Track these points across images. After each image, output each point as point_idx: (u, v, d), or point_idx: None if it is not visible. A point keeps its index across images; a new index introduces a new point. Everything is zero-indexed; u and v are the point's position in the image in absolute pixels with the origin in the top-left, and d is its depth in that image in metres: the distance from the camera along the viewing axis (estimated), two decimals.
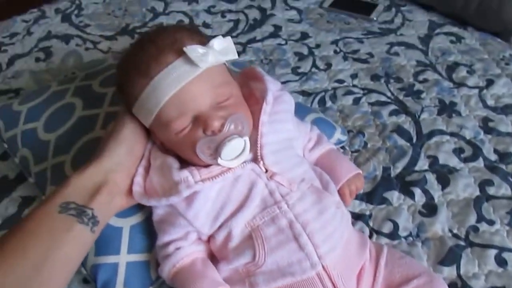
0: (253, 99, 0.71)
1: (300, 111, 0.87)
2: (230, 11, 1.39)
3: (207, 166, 0.62)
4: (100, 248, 0.66)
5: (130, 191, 0.63)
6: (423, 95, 1.04)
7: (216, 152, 0.59)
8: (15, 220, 0.79)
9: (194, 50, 0.57)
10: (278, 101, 0.69)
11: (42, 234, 0.53)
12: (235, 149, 0.60)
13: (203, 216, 0.61)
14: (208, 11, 1.39)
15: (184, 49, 0.57)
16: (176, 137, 0.61)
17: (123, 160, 0.62)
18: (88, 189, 0.58)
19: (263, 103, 0.66)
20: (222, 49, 0.61)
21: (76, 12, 1.38)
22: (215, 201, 0.62)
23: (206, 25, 1.33)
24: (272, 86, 0.69)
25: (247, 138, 0.61)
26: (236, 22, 1.33)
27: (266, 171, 0.64)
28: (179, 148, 0.63)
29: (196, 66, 0.57)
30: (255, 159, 0.64)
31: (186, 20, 1.34)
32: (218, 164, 0.61)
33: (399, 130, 0.95)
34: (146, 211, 0.68)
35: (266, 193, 0.63)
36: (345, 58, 1.17)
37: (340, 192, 0.73)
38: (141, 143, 0.66)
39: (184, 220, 0.62)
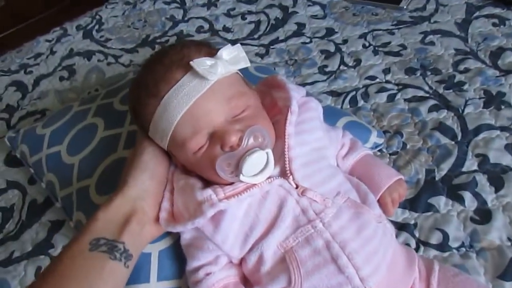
0: (277, 109, 0.66)
1: (330, 116, 0.81)
2: (250, 12, 1.34)
3: (231, 183, 0.58)
4: (129, 277, 0.62)
5: (159, 218, 0.60)
6: (466, 87, 0.95)
7: (237, 168, 0.55)
8: (45, 245, 0.79)
9: (201, 63, 0.55)
10: (304, 108, 0.64)
11: (75, 276, 0.51)
12: (257, 163, 0.56)
13: (232, 239, 0.57)
14: (228, 14, 1.35)
15: (191, 63, 0.55)
16: (194, 157, 0.58)
17: (148, 186, 0.60)
18: (117, 222, 0.56)
19: (287, 113, 0.61)
20: (232, 58, 0.58)
21: (96, 27, 1.38)
22: (243, 222, 0.57)
23: (226, 29, 1.29)
24: (296, 93, 0.64)
25: (269, 151, 0.57)
26: (257, 23, 1.29)
27: (297, 186, 0.59)
28: (199, 168, 0.60)
29: (205, 79, 0.55)
30: (283, 174, 0.59)
31: (206, 26, 1.31)
32: (241, 181, 0.56)
33: (441, 127, 0.88)
34: (174, 235, 0.65)
35: (298, 211, 0.58)
36: (375, 52, 1.10)
37: (381, 202, 0.67)
38: (163, 166, 0.63)
39: (212, 244, 0.58)
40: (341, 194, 0.60)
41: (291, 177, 0.59)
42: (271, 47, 1.18)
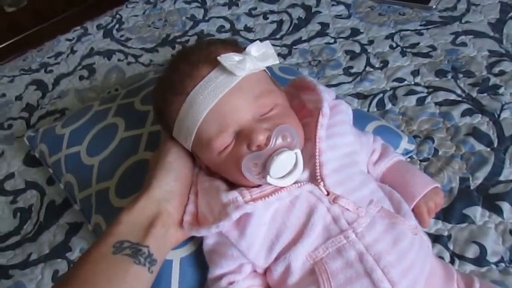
0: (305, 112, 0.63)
1: (359, 120, 0.77)
2: (272, 12, 1.31)
3: (258, 186, 0.55)
4: None
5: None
6: (502, 90, 0.90)
7: (264, 169, 0.52)
8: (63, 248, 0.77)
9: (229, 58, 0.53)
10: (334, 111, 0.61)
11: (98, 280, 0.48)
12: (286, 164, 0.53)
13: (257, 246, 0.54)
14: (249, 14, 1.32)
15: (218, 58, 0.53)
16: (219, 157, 0.55)
17: (173, 188, 0.57)
18: (141, 224, 0.54)
19: (318, 115, 0.58)
20: (261, 54, 0.57)
21: (117, 26, 1.37)
22: (270, 228, 0.54)
23: (248, 29, 1.26)
24: (327, 95, 0.61)
25: (298, 151, 0.54)
26: (280, 23, 1.25)
27: (328, 193, 0.55)
28: (224, 169, 0.57)
29: (233, 75, 0.53)
30: (313, 180, 0.56)
31: (227, 26, 1.28)
32: (268, 184, 0.53)
33: (476, 133, 0.83)
34: (196, 241, 0.62)
35: (329, 220, 0.54)
36: (403, 54, 1.06)
37: (416, 211, 0.63)
38: (188, 168, 0.61)
39: (237, 251, 0.55)
40: (375, 203, 0.57)
41: (321, 183, 0.55)
42: (294, 47, 1.15)
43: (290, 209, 0.54)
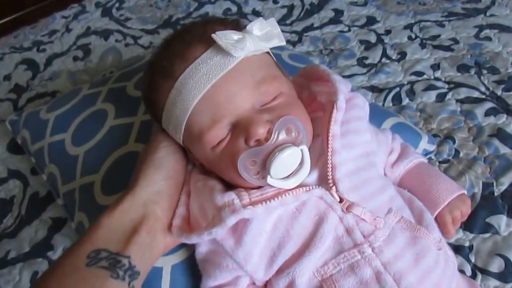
0: (316, 105, 0.55)
1: (375, 116, 0.70)
2: None
3: (259, 187, 0.48)
4: None
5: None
6: None
7: (264, 168, 0.44)
8: (44, 246, 0.71)
9: (225, 36, 0.45)
10: (349, 105, 0.53)
11: None
12: (289, 162, 0.45)
13: (256, 257, 0.47)
14: None
15: (213, 35, 0.45)
16: (212, 153, 0.48)
17: (162, 188, 0.50)
18: (123, 230, 0.46)
19: (332, 109, 0.50)
20: (264, 34, 0.49)
21: (117, 5, 1.29)
22: (271, 237, 0.47)
23: (256, 12, 1.19)
24: (343, 87, 0.52)
25: (305, 148, 0.46)
26: (290, 8, 1.18)
27: (341, 200, 0.48)
28: (218, 167, 0.49)
29: (230, 56, 0.45)
30: (324, 184, 0.48)
31: (234, 8, 1.21)
32: (268, 185, 0.46)
33: (501, 134, 0.77)
34: (190, 246, 0.55)
35: (342, 231, 0.47)
36: (422, 46, 0.99)
37: (439, 221, 0.56)
38: (181, 165, 0.53)
39: (233, 262, 0.48)
40: (394, 212, 0.50)
41: (334, 187, 0.48)
42: (305, 34, 1.08)
43: (295, 217, 0.47)
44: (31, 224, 0.74)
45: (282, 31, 0.82)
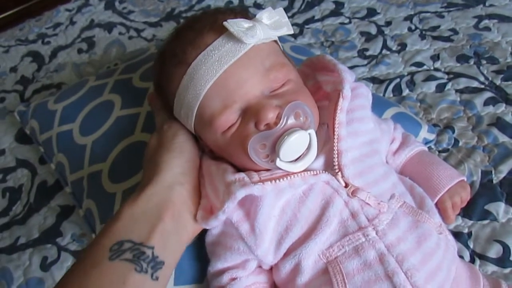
0: (321, 94, 0.57)
1: (376, 106, 0.70)
2: None
3: (268, 170, 0.49)
4: None
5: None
6: None
7: (274, 151, 0.46)
8: (53, 233, 0.72)
9: (236, 24, 0.46)
10: (354, 94, 0.54)
11: None
12: (298, 146, 0.47)
13: (267, 242, 0.49)
14: None
15: (225, 23, 0.46)
16: (223, 138, 0.49)
17: (187, 170, 0.51)
18: (147, 219, 0.45)
19: (338, 98, 0.52)
20: (273, 22, 0.50)
21: None
22: (279, 222, 0.49)
23: (257, 5, 1.19)
24: (349, 76, 0.54)
25: (312, 132, 0.48)
26: (291, 0, 1.18)
27: (346, 185, 0.49)
28: (229, 152, 0.51)
29: (241, 43, 0.47)
30: (330, 170, 0.50)
31: (236, 1, 1.22)
32: (277, 168, 0.47)
33: (499, 123, 0.78)
34: None
35: (347, 214, 0.49)
36: (422, 37, 0.99)
37: (440, 207, 0.58)
38: (197, 149, 0.55)
39: (244, 245, 0.49)
40: (396, 198, 0.51)
41: (339, 173, 0.49)
42: (306, 26, 1.09)
43: (302, 201, 0.49)
44: (40, 212, 0.75)
45: None
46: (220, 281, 0.51)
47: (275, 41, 0.54)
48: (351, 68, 0.93)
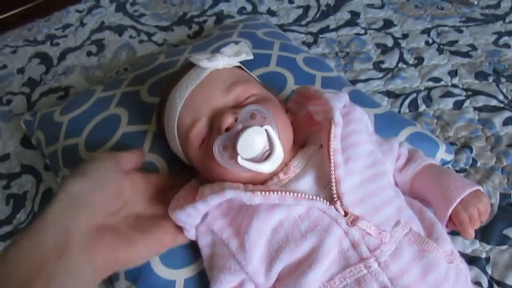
0: (314, 122, 0.58)
1: (392, 126, 0.70)
2: None
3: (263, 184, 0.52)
4: None
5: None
6: None
7: (235, 150, 0.48)
8: None
9: (199, 55, 0.56)
10: (346, 120, 0.54)
11: None
12: (255, 141, 0.48)
13: (257, 259, 0.49)
14: None
15: (189, 57, 0.56)
16: (201, 152, 0.54)
17: (83, 201, 0.46)
18: (31, 262, 0.40)
19: (329, 126, 0.51)
20: (234, 52, 0.59)
21: (131, 0, 1.27)
22: (270, 241, 0.49)
23: (271, 12, 1.17)
24: (337, 103, 0.53)
25: (269, 128, 0.49)
26: (306, 8, 1.16)
27: (346, 214, 0.48)
28: (208, 165, 0.53)
29: (203, 69, 0.55)
30: (330, 199, 0.49)
31: (249, 7, 1.19)
32: (242, 167, 0.48)
33: None
34: (202, 261, 0.55)
35: (347, 245, 0.47)
36: (440, 51, 0.97)
37: (455, 220, 0.54)
38: (115, 180, 0.51)
39: (235, 263, 0.50)
40: (402, 224, 0.50)
41: (338, 202, 0.48)
42: (320, 36, 1.06)
43: (296, 224, 0.49)
44: None
45: (298, 32, 0.81)
46: None
47: (241, 67, 0.61)
48: (366, 81, 0.92)
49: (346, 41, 1.04)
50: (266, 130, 0.49)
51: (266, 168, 0.49)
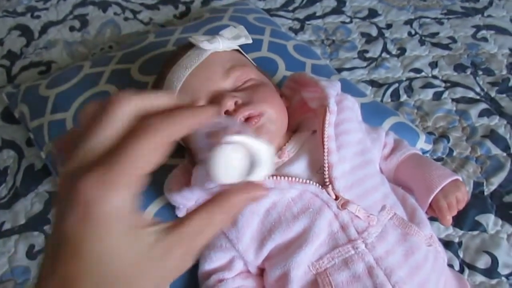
0: (307, 108, 0.59)
1: (376, 115, 0.72)
2: None
3: None
4: None
5: None
6: None
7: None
8: (41, 220, 0.70)
9: (199, 37, 0.56)
10: (339, 108, 0.56)
11: None
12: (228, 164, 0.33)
13: (248, 237, 0.51)
14: None
15: (189, 38, 0.56)
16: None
17: None
18: None
19: (324, 113, 0.53)
20: (233, 36, 0.59)
21: None
22: (263, 222, 0.51)
23: None
24: (332, 90, 0.55)
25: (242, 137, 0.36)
26: None
27: (336, 198, 0.50)
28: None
29: (203, 50, 0.55)
30: (322, 184, 0.51)
31: None
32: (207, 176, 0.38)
33: (493, 136, 0.79)
34: None
35: (337, 227, 0.50)
36: (422, 42, 1.00)
37: (435, 207, 0.57)
38: None
39: (226, 241, 0.51)
40: (387, 209, 0.52)
41: (330, 186, 0.50)
42: (307, 22, 1.07)
43: (289, 207, 0.50)
44: (26, 197, 0.72)
45: (285, 17, 0.84)
46: (207, 284, 0.52)
47: (239, 51, 0.62)
48: (350, 69, 0.93)
49: (332, 29, 1.05)
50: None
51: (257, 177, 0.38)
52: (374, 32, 1.03)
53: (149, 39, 0.82)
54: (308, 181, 0.50)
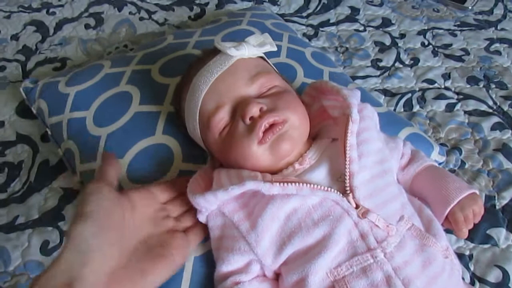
0: (325, 116, 0.60)
1: (392, 125, 0.72)
2: None
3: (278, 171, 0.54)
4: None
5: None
6: None
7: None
8: (55, 216, 0.70)
9: (226, 43, 0.57)
10: (360, 117, 0.56)
11: None
12: None
13: (267, 241, 0.50)
14: None
15: (215, 43, 0.57)
16: (220, 138, 0.56)
17: (93, 246, 0.43)
18: None
19: (346, 122, 0.54)
20: (259, 43, 0.60)
21: None
22: (283, 227, 0.51)
23: (273, 1, 1.17)
24: (354, 100, 0.56)
25: None
26: (308, 0, 1.17)
27: (357, 206, 0.50)
28: (227, 151, 0.55)
29: (229, 56, 0.56)
30: (342, 192, 0.51)
31: None
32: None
33: (505, 150, 0.80)
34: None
35: (356, 235, 0.49)
36: (435, 53, 1.00)
37: (451, 219, 0.57)
38: (117, 216, 0.47)
39: (245, 244, 0.51)
40: (405, 219, 0.52)
41: (351, 194, 0.50)
42: (321, 29, 1.07)
43: (309, 213, 0.50)
44: (41, 192, 0.72)
45: (298, 23, 0.84)
46: (224, 285, 0.51)
47: (263, 58, 0.62)
48: (363, 77, 0.94)
49: (346, 37, 1.05)
50: None
51: None
52: (387, 41, 1.04)
53: (168, 40, 0.83)
54: (329, 188, 0.50)
